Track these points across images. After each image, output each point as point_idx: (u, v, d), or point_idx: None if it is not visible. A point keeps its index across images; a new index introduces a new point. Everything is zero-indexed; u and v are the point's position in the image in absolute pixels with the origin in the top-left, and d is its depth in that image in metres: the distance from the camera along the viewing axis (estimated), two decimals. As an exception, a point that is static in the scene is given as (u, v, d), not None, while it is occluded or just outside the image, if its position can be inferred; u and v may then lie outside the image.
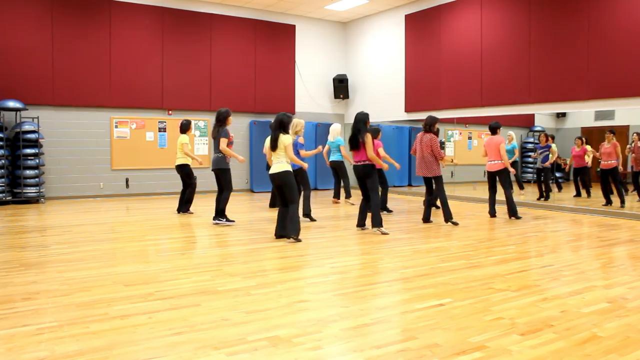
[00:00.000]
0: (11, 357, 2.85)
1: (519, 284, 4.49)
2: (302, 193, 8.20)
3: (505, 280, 4.58)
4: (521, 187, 12.15)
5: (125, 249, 5.98)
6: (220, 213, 7.70)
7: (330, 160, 10.14)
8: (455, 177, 13.82)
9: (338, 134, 10.04)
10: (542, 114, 14.10)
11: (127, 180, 11.79)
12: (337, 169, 10.16)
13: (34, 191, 10.30)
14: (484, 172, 8.84)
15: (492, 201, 8.71)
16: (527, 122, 14.51)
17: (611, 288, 4.39)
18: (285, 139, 6.36)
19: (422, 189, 8.51)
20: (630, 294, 4.23)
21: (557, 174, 12.67)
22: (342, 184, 10.52)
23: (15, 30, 10.53)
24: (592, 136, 12.65)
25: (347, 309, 3.75)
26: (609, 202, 9.84)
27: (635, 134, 10.56)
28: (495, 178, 8.56)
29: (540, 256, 5.78)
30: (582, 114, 13.44)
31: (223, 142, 7.52)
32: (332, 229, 7.37)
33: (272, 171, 6.49)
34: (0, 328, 3.30)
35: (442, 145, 14.02)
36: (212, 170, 7.83)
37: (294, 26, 13.77)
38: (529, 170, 13.33)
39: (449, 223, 7.81)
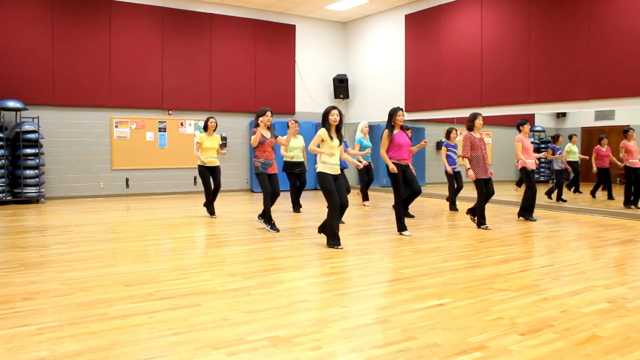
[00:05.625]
0: (11, 357, 2.85)
1: (519, 284, 4.48)
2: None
3: (505, 280, 4.58)
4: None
5: (125, 249, 5.98)
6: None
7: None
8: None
9: (359, 131, 9.77)
10: (542, 114, 14.10)
11: (127, 180, 11.78)
12: (367, 168, 9.72)
13: (34, 191, 10.29)
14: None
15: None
16: (527, 122, 14.47)
17: (611, 288, 4.38)
18: None
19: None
20: (630, 294, 4.23)
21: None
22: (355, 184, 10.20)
23: (15, 30, 10.53)
24: (592, 136, 12.64)
25: (347, 309, 3.75)
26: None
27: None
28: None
29: (540, 256, 5.78)
30: (582, 114, 13.45)
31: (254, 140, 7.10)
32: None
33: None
34: (0, 328, 3.30)
35: (441, 144, 14.02)
36: None
37: (294, 26, 13.77)
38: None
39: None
